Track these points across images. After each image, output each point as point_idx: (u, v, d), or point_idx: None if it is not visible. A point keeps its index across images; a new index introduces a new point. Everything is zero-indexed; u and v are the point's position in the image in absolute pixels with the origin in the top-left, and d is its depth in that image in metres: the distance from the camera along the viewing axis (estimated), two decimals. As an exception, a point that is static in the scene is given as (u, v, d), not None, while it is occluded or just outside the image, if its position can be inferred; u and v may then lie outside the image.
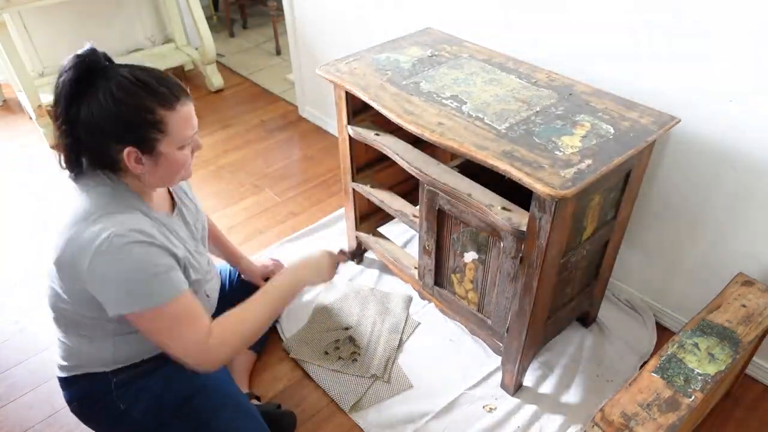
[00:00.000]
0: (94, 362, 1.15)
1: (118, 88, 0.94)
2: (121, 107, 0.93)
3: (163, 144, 0.98)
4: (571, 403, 1.45)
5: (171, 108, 0.97)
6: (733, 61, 1.20)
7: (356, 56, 1.52)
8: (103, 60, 0.97)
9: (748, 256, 1.39)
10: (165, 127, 0.97)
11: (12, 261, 1.99)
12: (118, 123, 0.94)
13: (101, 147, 0.97)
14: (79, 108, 0.95)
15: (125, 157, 0.96)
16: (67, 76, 0.94)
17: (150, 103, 0.95)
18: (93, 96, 0.94)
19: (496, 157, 1.10)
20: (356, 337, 1.62)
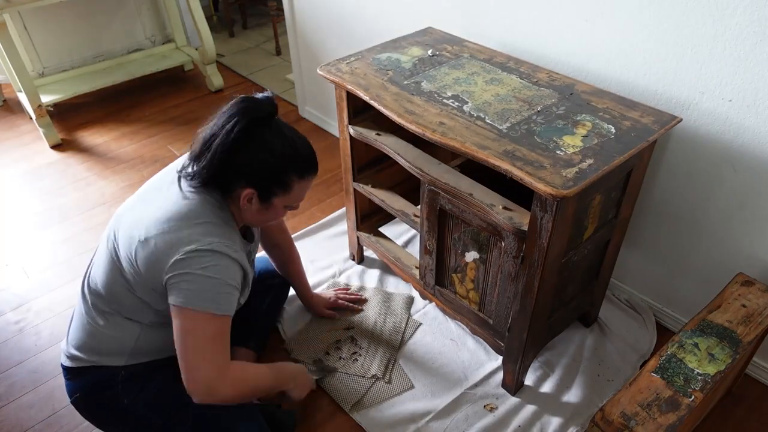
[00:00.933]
0: (114, 350, 1.17)
1: (276, 143, 1.06)
2: (270, 160, 1.06)
3: (278, 199, 1.12)
4: (572, 403, 1.45)
5: (302, 179, 1.11)
6: (733, 61, 1.20)
7: (357, 56, 1.52)
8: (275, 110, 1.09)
9: (748, 256, 1.40)
10: (289, 190, 1.11)
11: (12, 261, 1.99)
12: (259, 171, 1.07)
13: (232, 177, 1.07)
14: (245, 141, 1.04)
15: (242, 194, 1.08)
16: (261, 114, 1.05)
17: (291, 170, 1.09)
18: (256, 139, 1.04)
19: (498, 156, 1.10)
20: (357, 337, 1.62)
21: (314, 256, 1.94)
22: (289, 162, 1.08)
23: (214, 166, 1.05)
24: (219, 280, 1.05)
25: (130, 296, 1.13)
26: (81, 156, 2.55)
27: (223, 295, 1.06)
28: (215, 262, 1.04)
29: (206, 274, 1.03)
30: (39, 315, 1.78)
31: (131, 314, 1.16)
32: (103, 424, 1.27)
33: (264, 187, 1.08)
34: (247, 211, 1.12)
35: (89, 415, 1.25)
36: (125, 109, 2.90)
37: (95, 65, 2.92)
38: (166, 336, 1.15)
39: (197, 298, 1.04)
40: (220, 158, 1.04)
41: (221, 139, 1.03)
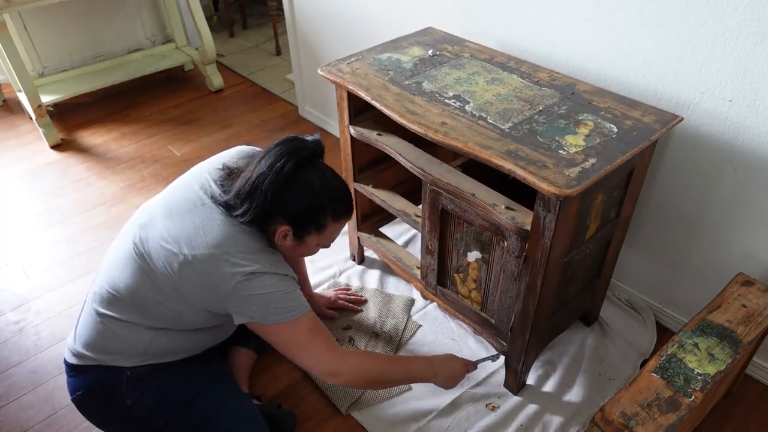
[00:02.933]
0: (123, 351, 1.17)
1: (316, 184, 1.10)
2: (308, 201, 1.10)
3: (311, 238, 1.15)
4: (573, 402, 1.46)
5: (335, 220, 1.15)
6: (733, 61, 1.21)
7: (357, 56, 1.52)
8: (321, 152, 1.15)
9: (748, 256, 1.40)
10: (324, 230, 1.15)
11: (12, 261, 1.99)
12: (298, 210, 1.10)
13: (272, 213, 1.09)
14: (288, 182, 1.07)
15: (278, 229, 1.11)
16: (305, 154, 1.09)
17: (328, 212, 1.12)
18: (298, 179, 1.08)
19: (501, 156, 1.11)
20: (356, 338, 1.62)
21: (314, 256, 1.92)
22: (327, 204, 1.12)
23: (265, 205, 1.08)
24: (279, 292, 1.10)
25: (158, 305, 1.13)
26: (81, 156, 2.55)
27: (290, 300, 1.12)
28: (272, 281, 1.09)
29: (266, 292, 1.08)
30: (39, 315, 1.77)
31: (148, 321, 1.15)
32: (103, 423, 1.27)
33: (300, 226, 1.12)
34: (281, 246, 1.16)
35: (89, 413, 1.24)
36: (125, 109, 2.89)
37: (95, 65, 2.92)
38: (180, 339, 1.18)
39: (268, 315, 1.10)
40: (270, 198, 1.07)
41: (272, 179, 1.06)
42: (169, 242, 1.10)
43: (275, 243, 1.15)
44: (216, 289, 1.08)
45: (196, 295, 1.11)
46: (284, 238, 1.13)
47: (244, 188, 1.09)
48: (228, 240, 1.08)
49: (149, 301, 1.13)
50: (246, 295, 1.08)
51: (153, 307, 1.14)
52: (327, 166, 1.15)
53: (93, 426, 1.43)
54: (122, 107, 2.91)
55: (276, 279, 1.10)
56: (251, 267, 1.07)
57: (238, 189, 1.10)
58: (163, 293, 1.12)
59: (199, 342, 1.25)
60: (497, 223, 1.20)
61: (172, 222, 1.12)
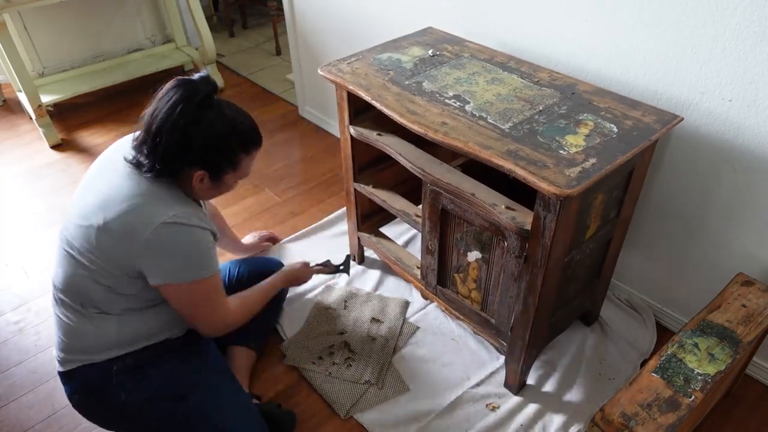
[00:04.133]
0: (97, 345, 1.17)
1: (218, 123, 1.08)
2: (215, 141, 1.08)
3: (227, 176, 1.16)
4: (573, 402, 1.46)
5: (247, 153, 1.15)
6: (733, 61, 1.21)
7: (358, 56, 1.52)
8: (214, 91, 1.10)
9: (748, 256, 1.40)
10: (237, 166, 1.15)
11: (12, 261, 1.99)
12: (206, 150, 1.09)
13: (181, 162, 1.09)
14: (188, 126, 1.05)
15: (193, 175, 1.11)
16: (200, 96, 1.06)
17: (237, 148, 1.12)
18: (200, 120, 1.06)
19: (501, 156, 1.11)
20: (351, 343, 1.61)
21: (314, 256, 1.93)
22: (235, 140, 1.11)
23: (172, 156, 1.07)
24: (194, 249, 1.10)
25: (95, 287, 1.13)
26: (81, 156, 2.55)
27: (205, 258, 1.13)
28: (185, 234, 1.08)
29: (182, 248, 1.09)
30: (39, 315, 1.77)
31: (101, 306, 1.16)
32: (105, 423, 1.27)
33: (214, 168, 1.12)
34: (200, 190, 1.16)
35: (90, 415, 1.24)
36: (125, 109, 2.89)
37: (95, 65, 2.92)
38: (146, 320, 1.19)
39: (184, 272, 1.10)
40: (176, 148, 1.06)
41: (172, 129, 1.05)
42: (82, 219, 1.11)
43: (193, 189, 1.14)
44: (130, 246, 1.06)
45: (115, 260, 1.09)
46: (201, 182, 1.13)
47: (147, 143, 1.08)
48: (138, 195, 1.08)
49: (87, 287, 1.13)
50: (159, 248, 1.06)
51: (93, 292, 1.13)
52: (225, 101, 1.12)
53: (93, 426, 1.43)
54: (122, 107, 2.91)
55: (191, 231, 1.09)
56: (163, 217, 1.05)
57: (140, 144, 1.10)
58: (92, 272, 1.11)
59: (167, 318, 1.22)
60: (497, 223, 1.20)
61: (85, 201, 1.13)
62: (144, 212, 1.06)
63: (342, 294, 1.77)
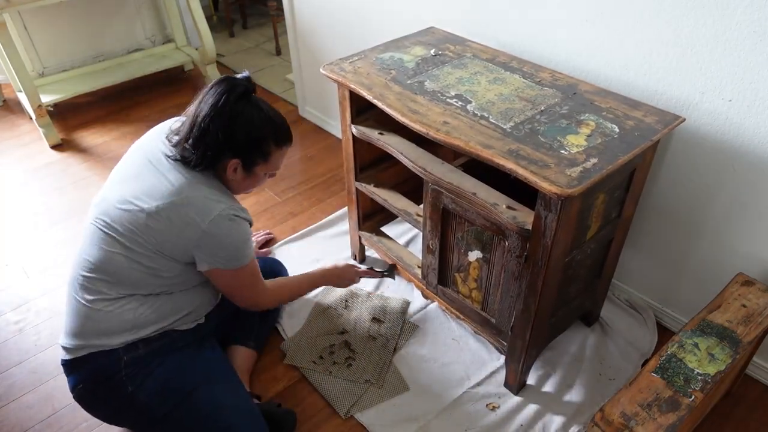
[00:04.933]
0: (111, 327, 1.19)
1: (258, 115, 1.18)
2: (253, 131, 1.18)
3: (259, 167, 1.24)
4: (574, 402, 1.46)
5: (278, 147, 1.24)
6: (733, 61, 1.21)
7: (360, 55, 1.52)
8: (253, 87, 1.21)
9: (748, 256, 1.40)
10: (269, 158, 1.24)
11: (12, 261, 1.98)
12: (243, 142, 1.18)
13: (222, 150, 1.17)
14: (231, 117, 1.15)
15: (228, 164, 1.20)
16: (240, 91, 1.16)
17: (271, 140, 1.21)
18: (241, 114, 1.16)
19: (502, 155, 1.11)
20: (352, 342, 1.61)
21: (315, 256, 1.94)
22: (269, 133, 1.20)
23: (217, 144, 1.16)
24: (242, 240, 1.21)
25: (134, 267, 1.18)
26: (81, 156, 2.54)
27: (248, 249, 1.24)
28: (237, 227, 1.19)
29: (234, 240, 1.19)
30: (39, 315, 1.77)
31: (133, 287, 1.20)
32: (106, 414, 1.27)
33: (248, 158, 1.21)
34: (233, 181, 1.25)
35: (92, 407, 1.25)
36: (125, 109, 2.89)
37: (95, 65, 2.92)
38: (164, 305, 1.23)
39: (232, 260, 1.21)
40: (221, 136, 1.15)
41: (217, 117, 1.14)
42: (125, 203, 1.17)
43: (227, 180, 1.24)
44: (184, 234, 1.15)
45: (168, 245, 1.16)
46: (234, 172, 1.22)
47: (194, 133, 1.16)
48: (188, 187, 1.16)
49: (122, 267, 1.18)
50: (214, 238, 1.16)
51: (128, 272, 1.18)
52: (261, 99, 1.22)
53: (93, 426, 1.44)
54: (122, 107, 2.91)
55: (240, 223, 1.20)
56: (218, 208, 1.16)
57: (186, 136, 1.17)
58: (133, 252, 1.17)
59: (183, 305, 1.27)
60: (498, 222, 1.20)
61: (127, 185, 1.20)
62: (200, 204, 1.15)
63: (343, 293, 1.77)
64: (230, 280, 1.26)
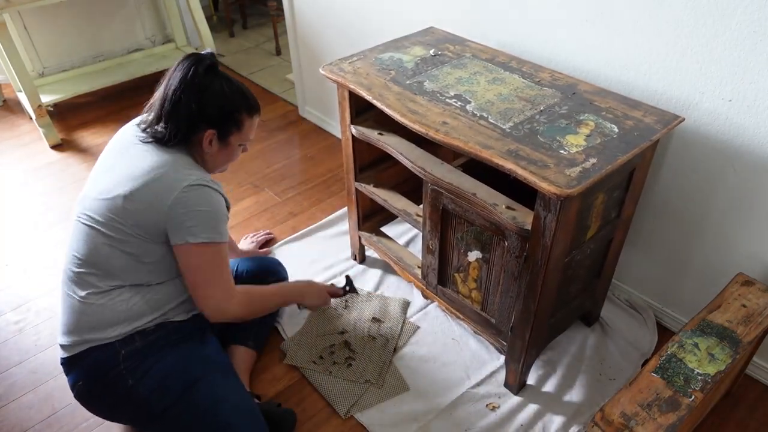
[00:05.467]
0: (105, 320, 1.19)
1: (228, 87, 1.20)
2: (225, 101, 1.20)
3: (233, 137, 1.25)
4: (574, 402, 1.46)
5: (250, 116, 1.26)
6: (733, 61, 1.21)
7: (359, 56, 1.52)
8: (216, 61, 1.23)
9: (748, 256, 1.40)
10: (241, 127, 1.25)
11: (12, 261, 1.98)
12: (217, 110, 1.20)
13: (196, 122, 1.19)
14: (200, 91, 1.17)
15: (204, 136, 1.20)
16: (205, 65, 1.17)
17: (242, 109, 1.23)
18: (210, 87, 1.18)
19: (501, 156, 1.11)
20: (352, 342, 1.61)
21: (315, 256, 1.94)
22: (239, 102, 1.22)
23: (191, 116, 1.18)
24: (214, 211, 1.19)
25: (118, 255, 1.19)
26: (81, 156, 2.55)
27: (223, 225, 1.22)
28: (208, 196, 1.18)
29: (204, 209, 1.17)
30: (39, 315, 1.77)
31: (120, 276, 1.21)
32: (107, 412, 1.27)
33: (222, 128, 1.22)
34: (208, 155, 1.25)
35: (93, 404, 1.25)
36: (125, 109, 2.89)
37: (95, 65, 2.92)
38: (156, 295, 1.24)
39: (202, 231, 1.17)
40: (190, 106, 1.16)
41: (188, 89, 1.16)
42: (103, 193, 1.18)
43: (203, 154, 1.24)
44: (156, 208, 1.15)
45: (143, 225, 1.16)
46: (210, 144, 1.23)
47: (165, 109, 1.18)
48: (161, 166, 1.17)
49: (109, 256, 1.19)
50: (184, 207, 1.15)
51: (115, 260, 1.19)
52: (225, 73, 1.24)
53: (93, 426, 1.44)
54: (122, 107, 2.91)
55: (211, 193, 1.18)
56: (189, 179, 1.16)
57: (158, 113, 1.19)
58: (116, 240, 1.18)
59: (174, 294, 1.27)
60: (498, 222, 1.20)
61: (103, 177, 1.22)
62: (170, 177, 1.15)
63: None
64: (196, 258, 1.19)
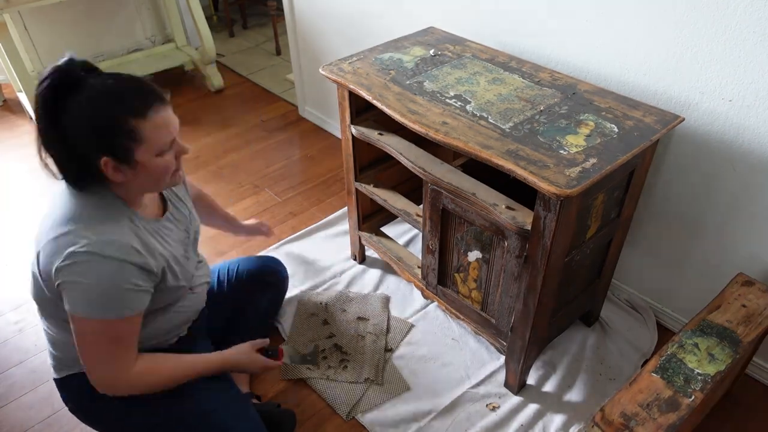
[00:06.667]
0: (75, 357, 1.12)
1: (88, 100, 0.93)
2: (92, 120, 0.93)
3: (139, 153, 0.97)
4: (574, 402, 1.46)
5: (143, 117, 0.95)
6: (733, 61, 1.21)
7: (359, 56, 1.52)
8: (80, 70, 0.96)
9: (748, 257, 1.40)
10: (139, 136, 0.96)
11: (12, 260, 1.98)
12: (90, 134, 0.94)
13: (81, 157, 0.96)
14: (58, 120, 0.94)
15: (103, 166, 0.96)
16: (43, 88, 0.94)
17: (120, 113, 0.94)
18: (67, 108, 0.93)
19: (501, 156, 1.11)
20: (342, 344, 1.61)
21: (315, 256, 1.94)
22: (115, 108, 0.94)
23: (61, 156, 0.97)
24: (103, 284, 0.97)
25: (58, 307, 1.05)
26: (81, 156, 2.54)
27: (114, 300, 0.98)
28: (94, 266, 0.96)
29: (88, 281, 0.96)
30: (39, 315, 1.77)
31: None
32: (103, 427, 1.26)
33: (111, 148, 0.95)
34: (129, 183, 1.01)
35: (88, 420, 1.23)
36: (125, 109, 2.89)
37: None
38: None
39: (84, 306, 0.98)
40: (55, 145, 0.96)
41: (44, 124, 0.95)
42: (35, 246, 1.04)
43: (124, 186, 1.02)
44: (48, 274, 0.98)
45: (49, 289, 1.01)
46: (116, 171, 0.97)
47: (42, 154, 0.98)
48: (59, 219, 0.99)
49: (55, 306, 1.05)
50: (67, 276, 0.96)
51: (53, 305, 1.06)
52: (103, 73, 0.98)
53: (93, 426, 1.44)
54: (122, 107, 2.91)
55: (105, 264, 0.96)
56: (74, 246, 0.95)
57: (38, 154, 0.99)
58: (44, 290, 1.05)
59: (161, 326, 1.18)
60: (498, 222, 1.20)
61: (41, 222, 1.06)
62: (60, 241, 0.97)
63: (322, 299, 1.74)
64: (79, 330, 1.00)
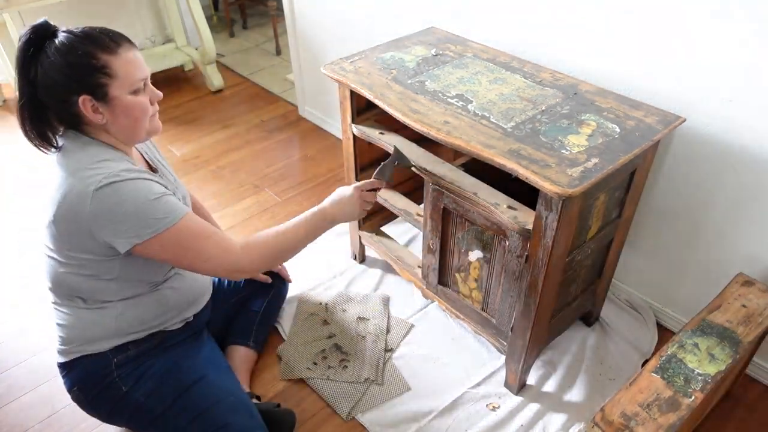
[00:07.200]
0: (96, 335, 1.17)
1: (61, 42, 1.00)
2: (67, 57, 1.00)
3: (113, 88, 1.03)
4: (574, 402, 1.46)
5: (113, 52, 1.02)
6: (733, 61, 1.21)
7: (360, 55, 1.52)
8: (53, 27, 1.03)
9: (748, 256, 1.40)
10: (111, 71, 1.02)
11: (12, 260, 1.98)
12: (65, 73, 1.00)
13: (60, 102, 1.02)
14: (35, 70, 1.01)
15: (82, 107, 1.02)
16: (21, 43, 1.00)
17: (92, 50, 1.01)
18: (43, 55, 1.00)
19: (503, 155, 1.11)
20: (342, 344, 1.61)
21: (315, 256, 1.93)
22: (88, 46, 1.01)
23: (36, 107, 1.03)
24: (144, 200, 1.02)
25: (79, 279, 1.12)
26: (80, 155, 2.54)
27: (161, 206, 1.04)
28: (123, 192, 1.01)
29: (127, 208, 1.01)
30: (39, 315, 1.77)
31: (93, 295, 1.15)
32: (104, 416, 1.27)
33: (87, 85, 1.01)
34: (109, 125, 1.06)
35: (89, 408, 1.24)
36: (125, 108, 2.89)
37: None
38: (140, 307, 1.18)
39: (142, 229, 1.02)
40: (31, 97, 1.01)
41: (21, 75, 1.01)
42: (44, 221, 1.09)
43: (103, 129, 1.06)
44: (82, 225, 1.02)
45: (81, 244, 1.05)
46: (96, 111, 1.03)
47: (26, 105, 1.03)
48: (65, 175, 1.03)
49: (72, 282, 1.12)
50: (107, 214, 1.00)
51: (78, 284, 1.12)
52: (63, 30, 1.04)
53: (93, 426, 1.43)
54: (122, 107, 2.90)
55: (125, 185, 1.01)
56: (95, 184, 1.00)
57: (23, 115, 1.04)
58: (70, 266, 1.09)
59: (161, 307, 1.22)
60: (499, 222, 1.20)
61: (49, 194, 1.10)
62: (76, 189, 1.01)
63: (322, 299, 1.75)
64: (166, 250, 1.05)
